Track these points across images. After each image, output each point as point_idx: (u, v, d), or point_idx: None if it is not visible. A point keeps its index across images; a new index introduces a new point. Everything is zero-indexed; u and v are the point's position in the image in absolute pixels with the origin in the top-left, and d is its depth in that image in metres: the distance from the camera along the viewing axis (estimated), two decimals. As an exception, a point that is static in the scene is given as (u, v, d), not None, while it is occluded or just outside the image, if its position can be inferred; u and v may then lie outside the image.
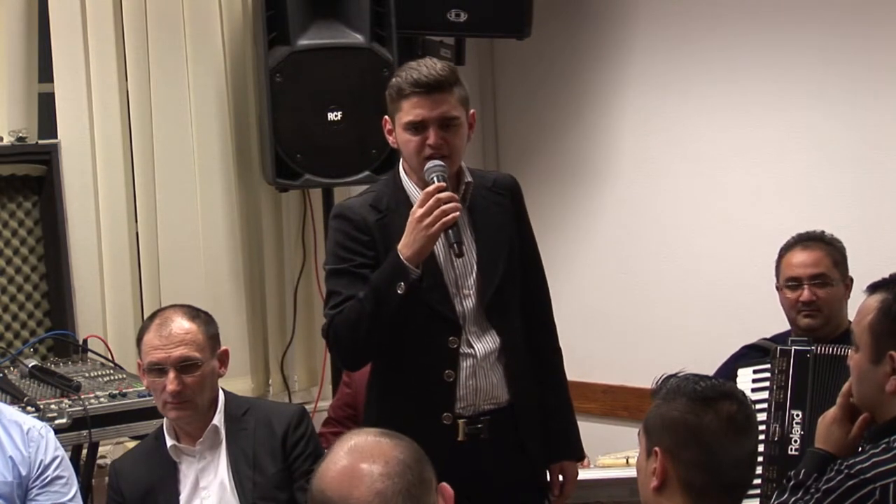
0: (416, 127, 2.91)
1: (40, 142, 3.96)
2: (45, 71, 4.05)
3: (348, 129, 4.13)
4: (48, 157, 3.93)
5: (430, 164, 2.90)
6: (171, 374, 3.02)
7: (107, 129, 4.09)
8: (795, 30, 4.25)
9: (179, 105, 4.25)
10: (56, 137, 4.02)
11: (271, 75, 4.06)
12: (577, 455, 3.23)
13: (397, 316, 2.88)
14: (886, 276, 2.56)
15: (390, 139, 3.02)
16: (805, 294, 3.49)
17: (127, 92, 4.15)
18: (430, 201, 2.83)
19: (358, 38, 4.15)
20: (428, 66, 2.93)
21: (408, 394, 3.02)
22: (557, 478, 3.18)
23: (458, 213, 2.85)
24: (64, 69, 4.03)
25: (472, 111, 3.02)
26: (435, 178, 2.88)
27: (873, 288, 2.52)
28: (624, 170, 4.74)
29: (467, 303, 3.01)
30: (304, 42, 4.09)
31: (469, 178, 3.03)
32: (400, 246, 2.86)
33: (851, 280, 3.53)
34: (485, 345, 3.02)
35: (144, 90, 4.17)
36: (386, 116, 3.02)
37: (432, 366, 2.98)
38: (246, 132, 4.39)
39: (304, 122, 4.12)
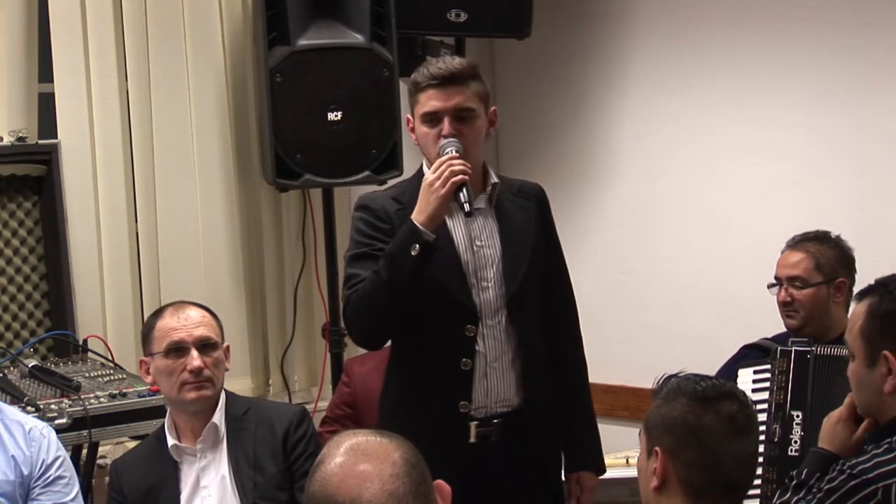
0: (432, 118, 2.96)
1: (40, 142, 3.95)
2: (45, 71, 4.04)
3: (348, 129, 4.12)
4: (48, 157, 3.92)
5: (444, 140, 2.94)
6: (195, 352, 3.08)
7: (107, 129, 4.09)
8: (796, 29, 4.25)
9: (179, 105, 4.25)
10: (56, 137, 4.01)
11: (271, 75, 4.06)
12: (597, 468, 3.23)
13: (412, 282, 2.88)
14: (885, 278, 2.56)
15: (413, 137, 3.07)
16: (781, 294, 3.57)
17: (127, 92, 4.15)
18: (441, 166, 2.88)
19: (358, 38, 4.14)
20: (446, 61, 2.99)
21: (425, 382, 3.03)
22: (574, 488, 3.18)
23: (467, 175, 2.88)
24: (64, 69, 4.03)
25: (493, 108, 3.05)
26: (450, 151, 2.92)
27: (861, 295, 2.54)
28: (624, 170, 4.73)
29: (485, 294, 3.01)
30: (304, 42, 4.08)
31: (495, 179, 3.07)
32: (414, 214, 2.90)
33: (845, 282, 3.52)
34: (500, 342, 3.02)
35: (144, 90, 4.17)
36: (408, 115, 3.07)
37: (449, 354, 2.99)
38: (246, 132, 4.39)
39: (304, 122, 4.12)
